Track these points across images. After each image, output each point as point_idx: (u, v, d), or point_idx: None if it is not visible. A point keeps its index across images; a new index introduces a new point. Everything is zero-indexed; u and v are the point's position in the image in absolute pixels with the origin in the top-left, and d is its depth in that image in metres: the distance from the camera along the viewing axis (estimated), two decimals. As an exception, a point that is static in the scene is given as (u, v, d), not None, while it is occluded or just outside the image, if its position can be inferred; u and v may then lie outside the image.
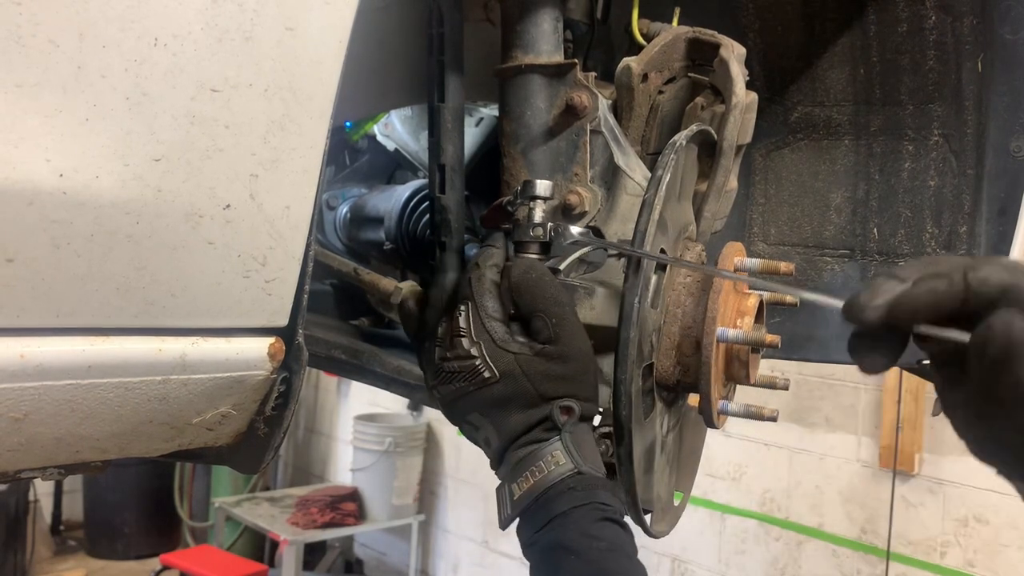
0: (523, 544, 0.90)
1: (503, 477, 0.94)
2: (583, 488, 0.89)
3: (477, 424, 0.96)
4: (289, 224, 0.75)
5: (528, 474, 0.90)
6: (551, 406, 0.92)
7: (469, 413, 0.96)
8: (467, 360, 0.93)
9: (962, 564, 3.47)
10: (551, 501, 0.88)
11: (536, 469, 0.90)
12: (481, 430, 0.96)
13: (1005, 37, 1.23)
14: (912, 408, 3.56)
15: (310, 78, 0.73)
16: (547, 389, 0.93)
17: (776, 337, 0.96)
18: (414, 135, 1.59)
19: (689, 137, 1.01)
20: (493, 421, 0.94)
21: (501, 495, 0.93)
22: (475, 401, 0.94)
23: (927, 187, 1.37)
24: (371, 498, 5.47)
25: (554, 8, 1.08)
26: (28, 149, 0.59)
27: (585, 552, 0.83)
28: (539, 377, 0.92)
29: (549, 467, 0.90)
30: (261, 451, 0.86)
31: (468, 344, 0.94)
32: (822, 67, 1.38)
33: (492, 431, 0.94)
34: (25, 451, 0.70)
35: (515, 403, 0.92)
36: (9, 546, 5.56)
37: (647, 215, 0.91)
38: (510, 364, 0.92)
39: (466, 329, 0.95)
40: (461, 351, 0.94)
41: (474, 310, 0.95)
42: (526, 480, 0.90)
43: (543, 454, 0.91)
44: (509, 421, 0.93)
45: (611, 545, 0.84)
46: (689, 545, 4.34)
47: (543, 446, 0.91)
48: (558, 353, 0.93)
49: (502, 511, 0.92)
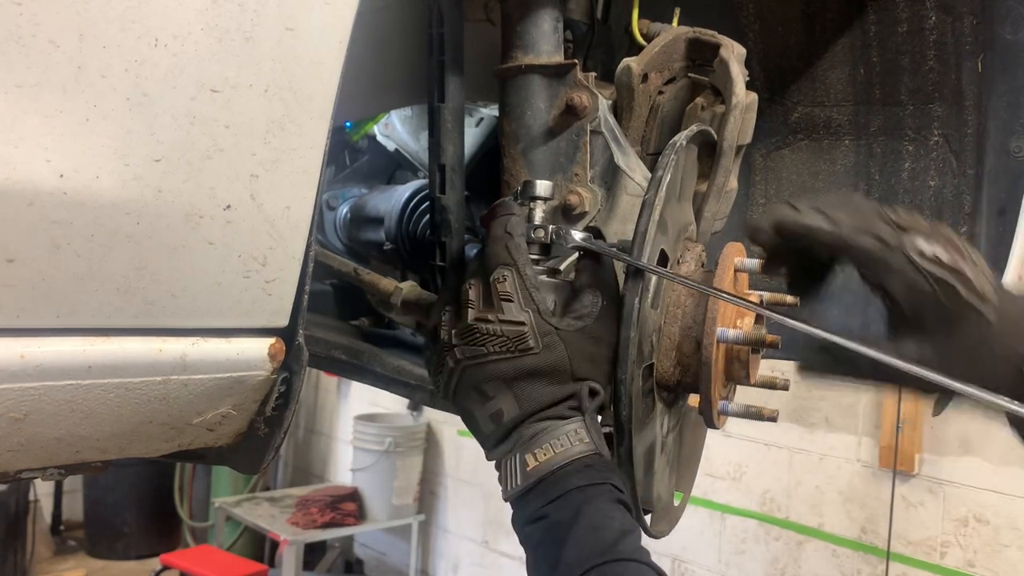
0: (527, 518, 0.88)
1: (507, 450, 0.91)
2: (601, 468, 0.88)
3: (492, 393, 0.92)
4: (289, 224, 0.75)
5: (548, 446, 0.88)
6: (581, 385, 0.91)
7: (489, 380, 0.92)
8: (514, 326, 0.91)
9: (962, 564, 3.47)
10: (569, 476, 0.86)
11: (557, 443, 0.88)
12: (495, 400, 0.92)
13: (1005, 37, 1.23)
14: (912, 408, 3.56)
15: (310, 78, 0.73)
16: (581, 368, 0.91)
17: (776, 337, 0.96)
18: (414, 135, 1.59)
19: (689, 137, 1.01)
20: (517, 391, 0.91)
21: (508, 465, 0.90)
22: (504, 368, 0.91)
23: (927, 187, 1.37)
24: (371, 498, 5.47)
25: (554, 8, 1.08)
26: (28, 149, 0.59)
27: (600, 528, 0.83)
28: (578, 355, 0.91)
29: (572, 442, 0.88)
30: (261, 451, 0.86)
31: (517, 310, 0.91)
32: (822, 67, 1.38)
33: (511, 402, 0.91)
34: (25, 451, 0.70)
35: (548, 377, 0.91)
36: (9, 546, 5.56)
37: (647, 215, 0.91)
38: (554, 337, 0.91)
39: (512, 294, 0.92)
40: (510, 315, 0.91)
41: (519, 277, 0.92)
42: (544, 452, 0.88)
43: (565, 430, 0.89)
44: (537, 393, 0.90)
45: (623, 527, 0.84)
46: (689, 545, 4.34)
47: (565, 423, 0.90)
48: (598, 334, 0.92)
49: (510, 481, 0.90)
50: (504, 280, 0.92)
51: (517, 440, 0.91)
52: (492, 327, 0.91)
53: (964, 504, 3.48)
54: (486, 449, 0.96)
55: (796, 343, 0.87)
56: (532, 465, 0.88)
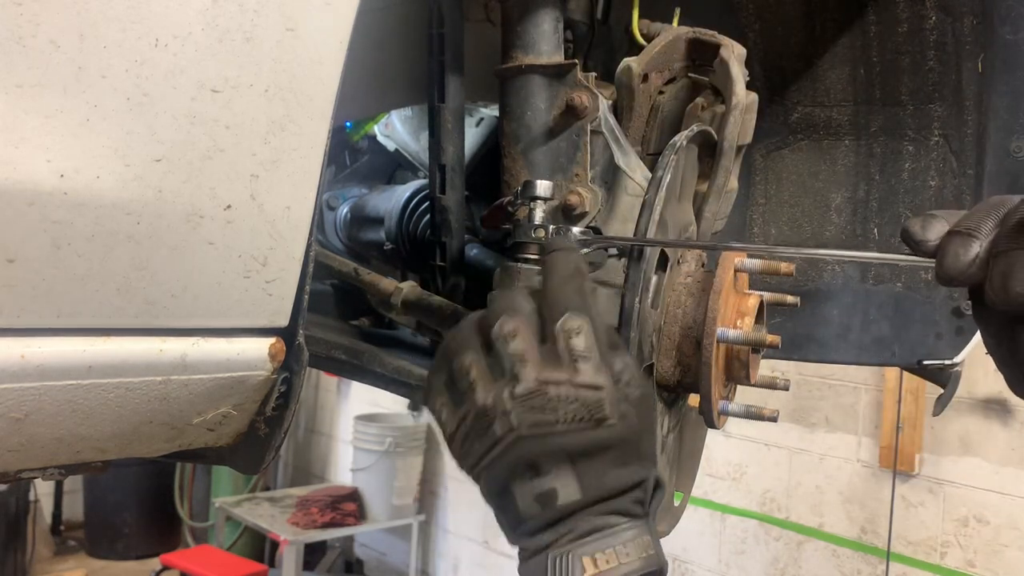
0: None
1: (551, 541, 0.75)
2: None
3: (548, 469, 0.75)
4: (290, 224, 0.75)
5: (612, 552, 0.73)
6: (650, 471, 0.77)
7: (551, 455, 0.75)
8: (592, 391, 0.74)
9: (962, 564, 3.47)
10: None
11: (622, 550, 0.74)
12: (548, 478, 0.75)
13: (1005, 37, 1.23)
14: (912, 408, 3.56)
15: (310, 78, 0.73)
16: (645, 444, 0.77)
17: (776, 337, 0.96)
18: (414, 135, 1.59)
19: (689, 137, 1.01)
20: (581, 471, 0.74)
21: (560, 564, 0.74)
22: (573, 441, 0.74)
23: (927, 187, 1.37)
24: (371, 498, 5.47)
25: (554, 8, 1.08)
26: (29, 149, 0.59)
27: None
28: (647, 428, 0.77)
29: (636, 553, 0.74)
30: (262, 451, 0.86)
31: (594, 372, 0.74)
32: (822, 67, 1.38)
33: (571, 483, 0.75)
34: (26, 451, 0.70)
35: (618, 455, 0.76)
36: (9, 546, 5.56)
37: (647, 215, 0.91)
38: (627, 406, 0.75)
39: (588, 352, 0.75)
40: (586, 378, 0.74)
41: (594, 331, 0.76)
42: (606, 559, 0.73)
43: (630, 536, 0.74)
44: (605, 476, 0.75)
45: None
46: (689, 545, 4.34)
47: (629, 525, 0.75)
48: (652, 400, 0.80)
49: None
50: (579, 333, 0.75)
51: (570, 532, 0.75)
52: (565, 390, 0.74)
53: (964, 504, 3.48)
54: (517, 534, 0.79)
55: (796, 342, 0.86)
56: (591, 572, 0.73)
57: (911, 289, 1.40)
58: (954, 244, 0.64)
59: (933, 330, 1.39)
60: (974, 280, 0.64)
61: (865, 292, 1.43)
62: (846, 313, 1.44)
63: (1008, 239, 0.62)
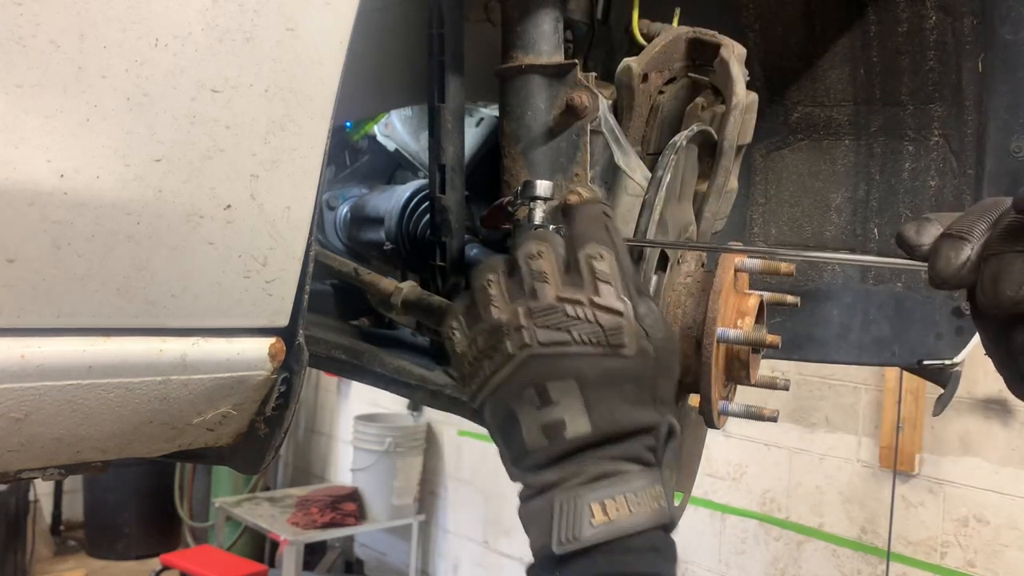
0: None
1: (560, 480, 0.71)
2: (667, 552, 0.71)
3: (556, 397, 0.71)
4: (290, 224, 0.75)
5: (623, 499, 0.69)
6: (664, 418, 0.73)
7: (561, 378, 0.71)
8: (611, 314, 0.71)
9: (962, 564, 3.47)
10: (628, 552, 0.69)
11: (633, 499, 0.69)
12: (558, 407, 0.71)
13: (1005, 37, 1.23)
14: (912, 408, 3.56)
15: (310, 78, 0.73)
16: (662, 388, 0.74)
17: (776, 337, 0.96)
18: (414, 135, 1.59)
19: (689, 137, 1.01)
20: (592, 401, 0.70)
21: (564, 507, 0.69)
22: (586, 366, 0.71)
23: (928, 187, 1.37)
24: (371, 498, 5.47)
25: (554, 8, 1.09)
26: (29, 149, 0.59)
27: None
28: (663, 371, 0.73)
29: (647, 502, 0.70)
30: (262, 451, 0.86)
31: (615, 297, 0.72)
32: (822, 67, 1.38)
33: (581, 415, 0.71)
34: (26, 451, 0.70)
35: (632, 392, 0.72)
36: (9, 546, 5.56)
37: (647, 215, 0.91)
38: (647, 342, 0.72)
39: (610, 278, 0.72)
40: (608, 300, 0.71)
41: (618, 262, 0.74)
42: (617, 506, 0.69)
43: (639, 484, 0.70)
44: (617, 411, 0.71)
45: None
46: (689, 545, 4.34)
47: (640, 473, 0.71)
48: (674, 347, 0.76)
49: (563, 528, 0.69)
50: (603, 259, 0.73)
51: (577, 473, 0.70)
52: (583, 311, 0.71)
53: (964, 504, 3.48)
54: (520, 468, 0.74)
55: (796, 342, 0.86)
56: (600, 519, 0.68)
57: (911, 289, 1.40)
58: (946, 247, 0.64)
59: (933, 330, 1.39)
60: (966, 283, 0.64)
61: (865, 292, 1.43)
62: (846, 313, 1.44)
63: (999, 242, 0.62)
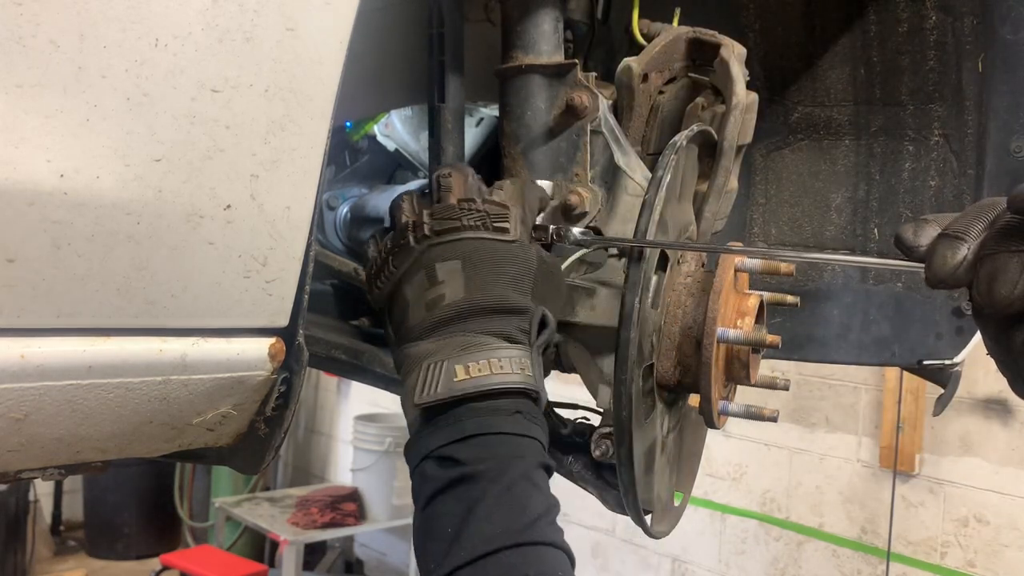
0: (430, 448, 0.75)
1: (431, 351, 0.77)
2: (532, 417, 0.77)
3: (443, 276, 0.79)
4: (290, 224, 0.75)
5: (485, 363, 0.75)
6: (537, 308, 0.81)
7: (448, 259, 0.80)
8: (499, 207, 0.81)
9: (962, 564, 3.47)
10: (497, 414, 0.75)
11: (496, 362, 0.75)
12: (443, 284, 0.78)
13: (1006, 37, 1.23)
14: (912, 408, 3.56)
15: (310, 78, 0.73)
16: (543, 288, 0.82)
17: (776, 337, 0.96)
18: (414, 135, 1.59)
19: (689, 137, 1.01)
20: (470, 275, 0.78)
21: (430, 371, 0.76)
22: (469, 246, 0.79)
23: (928, 187, 1.37)
24: (371, 498, 5.47)
25: (554, 8, 1.09)
26: (29, 149, 0.59)
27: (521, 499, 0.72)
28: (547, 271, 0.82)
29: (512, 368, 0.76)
30: (261, 451, 0.86)
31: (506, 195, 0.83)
32: (822, 67, 1.38)
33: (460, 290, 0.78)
34: (25, 451, 0.70)
35: (510, 279, 0.80)
36: (9, 546, 5.56)
37: (647, 215, 0.91)
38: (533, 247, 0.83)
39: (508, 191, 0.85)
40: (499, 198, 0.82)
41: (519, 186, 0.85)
42: (479, 367, 0.75)
43: (507, 354, 0.77)
44: (492, 286, 0.78)
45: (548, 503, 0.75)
46: (689, 545, 4.34)
47: (507, 349, 0.77)
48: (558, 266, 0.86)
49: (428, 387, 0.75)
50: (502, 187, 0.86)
51: (447, 344, 0.77)
52: (475, 205, 0.81)
53: (964, 504, 3.48)
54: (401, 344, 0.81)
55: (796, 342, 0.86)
56: (461, 377, 0.75)
57: (911, 289, 1.40)
58: (942, 247, 0.64)
59: (933, 330, 1.39)
60: (962, 283, 0.64)
61: (865, 292, 1.43)
62: (846, 313, 1.44)
63: (995, 242, 0.62)
